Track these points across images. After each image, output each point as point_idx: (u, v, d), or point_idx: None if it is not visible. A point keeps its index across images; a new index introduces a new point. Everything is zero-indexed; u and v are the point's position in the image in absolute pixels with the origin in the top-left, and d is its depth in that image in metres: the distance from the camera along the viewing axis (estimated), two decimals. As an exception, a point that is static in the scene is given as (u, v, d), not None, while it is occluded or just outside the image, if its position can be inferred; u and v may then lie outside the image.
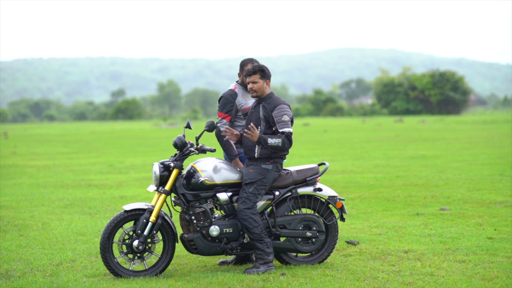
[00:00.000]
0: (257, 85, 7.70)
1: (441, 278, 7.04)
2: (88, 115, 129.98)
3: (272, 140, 7.48)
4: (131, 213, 7.43)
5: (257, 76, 7.70)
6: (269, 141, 7.47)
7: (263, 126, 7.65)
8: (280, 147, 7.50)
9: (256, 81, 7.70)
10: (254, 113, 7.75)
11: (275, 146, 7.48)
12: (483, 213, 10.98)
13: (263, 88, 7.72)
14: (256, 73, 7.69)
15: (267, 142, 7.46)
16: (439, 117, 76.29)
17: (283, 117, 7.59)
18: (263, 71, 7.70)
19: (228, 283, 7.01)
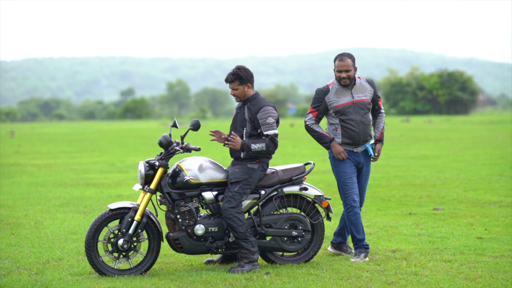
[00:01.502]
0: (238, 92, 7.72)
1: (424, 278, 7.03)
2: (97, 114, 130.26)
3: (256, 146, 7.51)
4: (116, 211, 7.44)
5: (236, 83, 7.70)
6: (253, 146, 7.50)
7: (248, 128, 7.66)
8: (264, 151, 7.53)
9: (235, 88, 7.71)
10: (240, 114, 7.76)
11: (259, 151, 7.52)
12: (476, 213, 10.96)
13: (245, 92, 7.72)
14: (234, 80, 7.69)
15: (250, 149, 7.49)
16: (446, 117, 76.11)
17: (268, 119, 7.60)
18: (240, 77, 7.67)
19: (212, 282, 7.01)
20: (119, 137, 43.04)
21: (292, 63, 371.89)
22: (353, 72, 7.87)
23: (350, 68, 7.84)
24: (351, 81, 7.89)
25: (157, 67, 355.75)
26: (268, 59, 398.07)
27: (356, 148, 7.98)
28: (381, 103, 8.08)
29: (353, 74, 7.88)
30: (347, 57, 7.88)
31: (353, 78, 7.89)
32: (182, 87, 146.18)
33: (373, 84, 8.00)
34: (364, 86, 7.92)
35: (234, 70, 7.71)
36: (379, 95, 8.04)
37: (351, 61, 7.86)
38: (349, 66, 7.83)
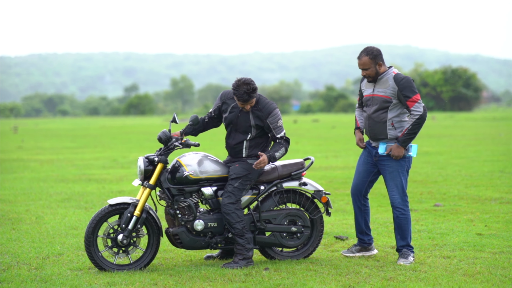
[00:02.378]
0: (253, 102, 7.62)
1: (423, 274, 7.03)
2: (101, 110, 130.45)
3: (279, 153, 7.61)
4: (115, 207, 7.45)
5: (254, 97, 7.58)
6: (277, 155, 7.60)
7: (253, 133, 7.66)
8: (285, 153, 7.68)
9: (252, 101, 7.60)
10: (242, 119, 7.67)
11: (282, 155, 7.66)
12: (476, 209, 10.96)
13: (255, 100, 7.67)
14: (254, 97, 7.55)
15: (276, 158, 7.61)
16: (450, 114, 76.05)
17: (278, 122, 7.64)
18: (255, 89, 7.52)
19: (211, 277, 7.02)
20: (122, 133, 43.09)
21: (296, 59, 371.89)
22: (373, 68, 7.64)
23: (367, 66, 7.65)
24: (374, 78, 7.69)
25: (161, 63, 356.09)
26: (272, 55, 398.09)
27: (373, 142, 7.86)
28: (412, 103, 7.47)
29: (373, 71, 7.64)
30: (364, 54, 7.67)
31: (375, 74, 7.66)
32: (186, 83, 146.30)
33: (400, 81, 7.53)
34: (387, 81, 7.61)
35: (246, 87, 7.47)
36: (407, 94, 7.48)
37: (369, 58, 7.62)
38: (365, 64, 7.65)
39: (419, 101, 7.50)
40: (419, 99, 7.50)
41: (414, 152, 7.69)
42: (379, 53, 7.70)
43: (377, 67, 7.66)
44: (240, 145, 7.70)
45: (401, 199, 7.68)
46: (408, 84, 7.52)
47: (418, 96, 7.51)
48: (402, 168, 7.67)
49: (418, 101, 7.49)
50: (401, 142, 7.54)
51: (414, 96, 7.50)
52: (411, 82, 7.55)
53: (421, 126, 7.57)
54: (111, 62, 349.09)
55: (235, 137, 7.71)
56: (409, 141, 7.57)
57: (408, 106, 7.50)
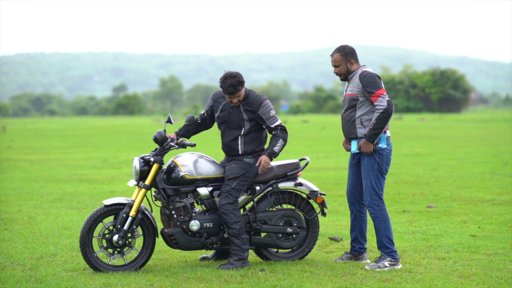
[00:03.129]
0: (241, 97, 7.64)
1: (419, 275, 7.04)
2: (89, 110, 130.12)
3: (277, 147, 7.60)
4: (111, 207, 7.42)
5: (241, 90, 7.60)
6: (276, 149, 7.59)
7: (247, 127, 7.65)
8: (284, 144, 7.65)
9: (239, 94, 7.61)
10: (234, 115, 7.68)
11: (282, 147, 7.64)
12: (469, 210, 10.99)
13: (243, 94, 7.68)
14: (240, 89, 7.58)
15: (276, 153, 7.61)
16: (439, 115, 76.24)
17: (270, 112, 7.62)
18: (242, 82, 7.56)
19: (207, 279, 7.00)
20: (111, 133, 42.97)
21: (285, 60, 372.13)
22: (344, 66, 7.60)
23: (338, 63, 7.62)
24: (345, 76, 7.66)
25: (150, 63, 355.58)
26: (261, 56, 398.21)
27: (348, 142, 7.80)
28: (376, 98, 7.39)
29: (344, 68, 7.61)
30: (336, 51, 7.65)
31: (345, 72, 7.63)
32: (175, 83, 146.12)
33: (363, 78, 7.48)
34: (355, 79, 7.57)
35: (231, 81, 7.52)
36: (370, 90, 7.42)
37: (340, 55, 7.59)
38: (336, 61, 7.62)
39: (383, 95, 7.40)
40: (382, 93, 7.40)
41: (383, 143, 7.53)
42: (352, 51, 7.64)
43: (348, 65, 7.61)
44: (235, 142, 7.69)
45: (370, 198, 7.59)
46: (371, 80, 7.45)
47: (382, 91, 7.42)
48: (373, 167, 7.55)
49: (382, 96, 7.40)
50: (367, 138, 7.47)
51: (377, 91, 7.41)
52: (374, 78, 7.47)
53: (387, 120, 7.40)
54: (99, 62, 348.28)
55: (229, 134, 7.70)
56: (375, 136, 7.44)
57: (372, 101, 7.44)
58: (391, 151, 7.64)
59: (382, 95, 7.40)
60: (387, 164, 7.59)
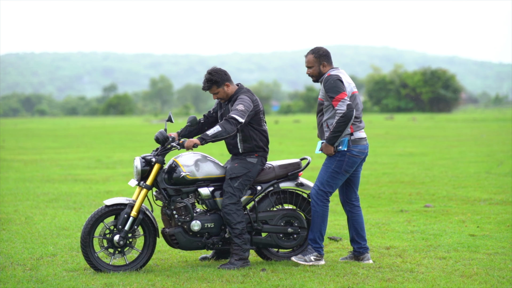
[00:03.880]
0: (220, 95, 7.70)
1: (420, 275, 7.05)
2: (79, 110, 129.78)
3: (211, 130, 7.37)
4: (112, 207, 7.40)
5: (214, 88, 7.66)
6: (208, 132, 7.37)
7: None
8: (221, 131, 7.36)
9: (215, 92, 7.68)
10: (226, 111, 7.73)
11: (216, 133, 7.35)
12: (467, 210, 11.01)
13: (226, 92, 7.69)
14: (211, 87, 7.66)
15: (208, 135, 7.35)
16: (430, 115, 76.39)
17: (238, 106, 7.50)
18: (215, 82, 7.62)
19: (208, 278, 6.99)
20: (103, 133, 42.87)
21: (275, 60, 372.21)
22: (316, 68, 7.60)
23: (310, 65, 7.62)
24: (317, 77, 7.65)
25: (140, 63, 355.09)
26: (251, 56, 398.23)
27: None
28: (336, 103, 7.38)
29: (316, 70, 7.60)
30: (310, 53, 7.64)
31: (317, 74, 7.63)
32: (165, 83, 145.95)
33: (326, 83, 7.49)
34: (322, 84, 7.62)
35: (207, 76, 7.63)
36: (331, 94, 7.41)
37: (314, 56, 7.59)
38: (309, 62, 7.62)
39: (343, 99, 7.35)
40: (343, 98, 7.35)
41: (344, 145, 7.51)
42: (326, 54, 7.62)
43: (320, 67, 7.60)
44: (235, 140, 7.69)
45: (316, 191, 7.61)
46: (332, 84, 7.41)
47: (343, 95, 7.36)
48: (331, 165, 7.56)
49: (342, 100, 7.35)
50: (327, 140, 7.48)
51: (337, 95, 7.37)
52: (335, 82, 7.41)
53: (346, 124, 7.36)
54: (89, 62, 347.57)
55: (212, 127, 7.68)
56: (334, 139, 7.44)
57: (333, 106, 7.42)
58: (362, 154, 7.62)
59: (342, 99, 7.36)
60: (348, 165, 7.57)
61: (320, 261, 7.59)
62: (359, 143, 7.58)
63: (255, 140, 7.67)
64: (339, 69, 7.64)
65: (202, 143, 7.37)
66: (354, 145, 7.55)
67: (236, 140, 7.67)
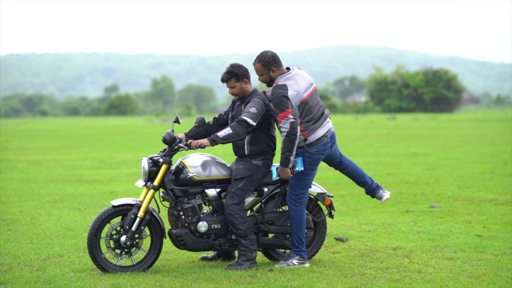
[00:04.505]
0: (236, 89, 7.68)
1: (428, 275, 7.04)
2: (81, 110, 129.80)
3: (222, 132, 7.36)
4: (119, 208, 7.40)
5: (233, 81, 7.65)
6: (219, 134, 7.35)
7: None
8: (232, 134, 7.35)
9: (233, 85, 7.66)
10: (238, 112, 7.72)
11: (227, 135, 7.35)
12: (473, 210, 10.99)
13: (243, 88, 7.67)
14: (230, 79, 7.65)
15: (218, 137, 7.34)
16: (432, 115, 76.37)
17: (250, 109, 7.47)
18: (235, 74, 7.62)
19: (216, 279, 6.99)
20: (106, 134, 42.88)
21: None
22: (266, 75, 7.51)
23: (260, 73, 7.55)
24: (269, 83, 7.57)
25: (141, 64, 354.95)
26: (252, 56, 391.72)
27: None
28: (280, 119, 7.29)
29: (267, 77, 7.51)
30: (257, 61, 7.54)
31: (269, 80, 7.55)
32: (167, 83, 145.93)
33: (272, 97, 7.40)
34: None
35: (228, 68, 7.65)
36: (276, 111, 7.34)
37: (261, 64, 7.49)
38: (258, 70, 7.55)
39: (287, 117, 7.26)
40: (287, 116, 7.26)
41: (300, 165, 7.47)
42: (273, 58, 7.50)
43: (270, 73, 7.52)
44: (241, 141, 7.67)
45: (288, 196, 7.60)
46: (276, 101, 7.31)
47: (286, 113, 7.26)
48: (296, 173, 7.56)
49: (286, 118, 7.26)
50: (281, 164, 7.42)
51: (281, 113, 7.28)
52: (279, 99, 7.30)
53: (293, 142, 7.28)
54: (90, 62, 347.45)
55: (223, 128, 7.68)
56: (287, 160, 7.35)
57: (278, 122, 7.35)
58: (323, 150, 7.58)
59: (286, 117, 7.28)
60: (311, 164, 7.56)
61: (305, 263, 7.59)
62: (317, 144, 7.52)
63: (263, 143, 7.65)
64: (290, 72, 7.53)
65: (212, 144, 7.37)
66: (310, 147, 7.50)
67: (243, 141, 7.66)
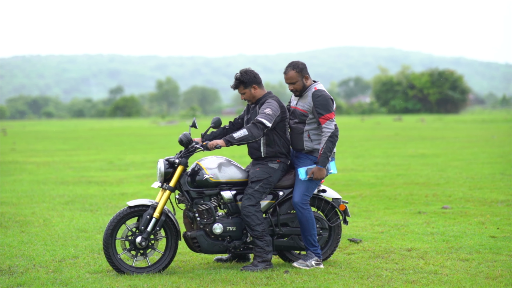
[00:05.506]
0: (246, 95, 7.72)
1: (445, 277, 7.02)
2: (86, 112, 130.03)
3: (238, 133, 7.40)
4: (134, 209, 7.40)
5: (241, 88, 7.69)
6: (235, 135, 7.39)
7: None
8: (247, 135, 7.39)
9: (242, 92, 7.72)
10: (253, 114, 7.73)
11: (243, 137, 7.38)
12: (485, 211, 10.96)
13: (253, 94, 7.69)
14: (238, 86, 7.68)
15: (234, 138, 7.38)
16: (438, 116, 76.29)
17: (266, 110, 7.50)
18: (242, 82, 7.64)
19: (232, 280, 6.98)
20: (112, 135, 42.93)
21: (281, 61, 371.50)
22: (300, 82, 7.66)
23: (294, 80, 7.67)
24: (301, 92, 7.70)
25: (146, 65, 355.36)
26: (256, 58, 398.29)
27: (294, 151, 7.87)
28: (324, 120, 7.52)
29: (300, 84, 7.66)
30: (290, 68, 7.70)
31: (301, 87, 7.68)
32: (171, 85, 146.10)
33: (316, 98, 7.59)
34: (308, 97, 7.64)
35: (236, 75, 7.69)
36: (321, 111, 7.55)
37: (295, 72, 7.65)
38: (292, 78, 7.67)
39: (332, 119, 7.53)
40: (331, 117, 7.53)
41: (334, 169, 7.74)
42: (305, 66, 7.73)
43: (304, 80, 7.68)
44: (257, 143, 7.67)
45: (300, 198, 7.60)
46: (324, 102, 7.53)
47: (332, 115, 7.54)
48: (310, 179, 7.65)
49: (330, 120, 7.52)
50: (320, 163, 7.53)
51: (327, 114, 7.52)
52: (327, 100, 7.55)
53: (335, 143, 7.54)
54: (95, 64, 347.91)
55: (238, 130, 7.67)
56: (327, 160, 7.55)
57: (320, 123, 7.55)
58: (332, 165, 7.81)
59: (331, 119, 7.52)
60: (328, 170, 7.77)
61: (320, 265, 7.62)
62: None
63: (278, 145, 7.65)
64: (318, 82, 7.78)
65: (227, 145, 7.38)
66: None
67: (259, 143, 7.65)
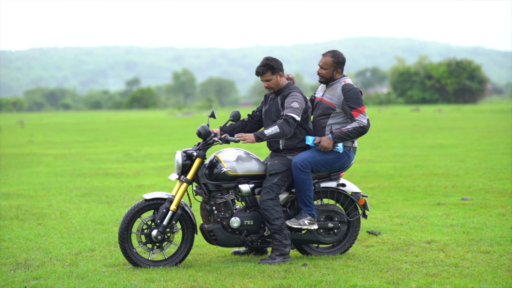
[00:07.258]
0: (271, 82, 7.60)
1: (466, 269, 6.92)
2: (103, 104, 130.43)
3: (269, 130, 7.35)
4: (151, 202, 7.34)
5: (268, 74, 7.57)
6: (266, 132, 7.35)
7: None
8: (279, 133, 7.35)
9: (268, 79, 7.59)
10: (274, 105, 7.63)
11: (274, 134, 7.34)
12: (506, 203, 10.82)
13: (278, 82, 7.60)
14: (266, 72, 7.56)
15: (265, 135, 7.34)
16: (456, 106, 75.88)
17: (293, 103, 7.43)
18: (271, 67, 7.55)
19: (250, 274, 6.91)
20: (129, 127, 42.97)
21: (297, 52, 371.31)
22: (330, 71, 7.61)
23: (326, 67, 7.61)
24: (326, 81, 7.66)
25: (162, 57, 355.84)
26: (273, 49, 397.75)
27: None
28: (357, 113, 7.48)
29: (329, 73, 7.61)
30: (330, 55, 7.65)
31: (329, 77, 7.63)
32: (188, 76, 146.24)
33: (347, 92, 7.52)
34: (336, 89, 7.58)
35: (263, 61, 7.58)
36: (352, 105, 7.49)
37: (332, 60, 7.60)
38: (326, 63, 7.61)
39: (364, 113, 7.52)
40: (363, 111, 7.51)
41: (341, 147, 7.60)
42: (344, 61, 7.69)
43: (334, 72, 7.64)
44: None
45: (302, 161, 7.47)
46: (355, 95, 7.51)
47: (363, 109, 7.53)
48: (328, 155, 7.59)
49: (363, 113, 7.51)
50: (334, 136, 7.50)
51: (359, 107, 7.51)
52: (357, 94, 7.52)
53: (360, 135, 7.51)
54: (112, 56, 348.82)
55: (270, 126, 7.57)
56: (341, 139, 7.50)
57: (353, 115, 7.49)
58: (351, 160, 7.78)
59: (363, 112, 7.51)
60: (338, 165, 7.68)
61: (313, 225, 7.53)
62: (355, 152, 7.79)
63: (298, 138, 7.58)
64: (347, 77, 7.74)
65: (258, 141, 7.38)
66: (352, 152, 7.72)
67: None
